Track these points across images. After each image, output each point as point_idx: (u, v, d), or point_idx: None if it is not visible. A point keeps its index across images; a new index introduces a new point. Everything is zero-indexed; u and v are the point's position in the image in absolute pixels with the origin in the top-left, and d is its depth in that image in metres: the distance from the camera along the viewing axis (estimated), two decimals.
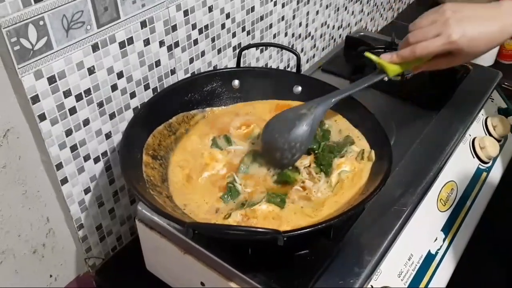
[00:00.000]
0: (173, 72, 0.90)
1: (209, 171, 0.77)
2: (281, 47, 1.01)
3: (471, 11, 0.73)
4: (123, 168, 0.67)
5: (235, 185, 0.74)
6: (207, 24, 0.92)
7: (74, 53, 0.71)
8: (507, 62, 1.42)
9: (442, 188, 0.90)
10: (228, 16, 0.96)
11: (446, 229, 0.88)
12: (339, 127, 0.85)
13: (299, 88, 0.88)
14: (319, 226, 0.60)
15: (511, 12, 0.73)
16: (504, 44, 1.40)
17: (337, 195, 0.73)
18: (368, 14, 1.52)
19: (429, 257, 0.83)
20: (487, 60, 1.39)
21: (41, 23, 0.65)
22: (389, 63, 0.77)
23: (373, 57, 0.78)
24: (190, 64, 0.93)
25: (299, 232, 0.58)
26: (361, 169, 0.76)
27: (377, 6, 1.56)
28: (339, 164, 0.77)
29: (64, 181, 0.78)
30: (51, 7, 0.65)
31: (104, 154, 0.83)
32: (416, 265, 0.81)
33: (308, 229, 0.58)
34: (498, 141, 1.05)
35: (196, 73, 0.95)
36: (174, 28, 0.86)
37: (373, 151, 0.78)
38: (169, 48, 0.87)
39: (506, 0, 0.74)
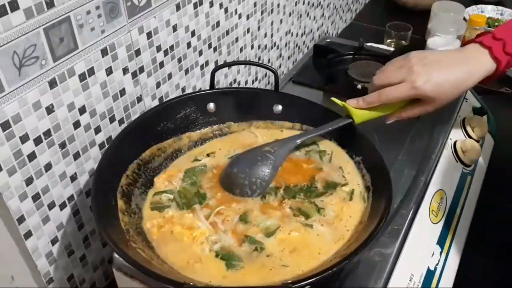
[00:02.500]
0: (139, 99, 0.82)
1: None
2: (258, 65, 0.96)
3: (437, 57, 0.75)
4: (99, 222, 0.59)
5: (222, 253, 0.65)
6: (172, 45, 0.85)
7: (29, 92, 0.62)
8: None
9: (432, 199, 0.87)
10: (193, 34, 0.89)
11: (441, 241, 0.85)
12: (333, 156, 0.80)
13: (280, 107, 0.82)
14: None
15: (477, 56, 0.74)
16: (465, 39, 1.40)
17: None
18: (328, 18, 1.48)
19: (429, 274, 0.80)
20: None
21: None
22: (356, 109, 0.76)
23: (339, 102, 0.77)
24: (157, 88, 0.85)
25: (310, 280, 0.52)
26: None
27: (337, 9, 1.53)
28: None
29: (28, 234, 0.69)
30: None
31: (71, 198, 0.75)
32: (418, 285, 0.77)
33: (317, 277, 0.52)
34: (477, 142, 1.03)
35: (164, 97, 0.87)
36: (137, 52, 0.78)
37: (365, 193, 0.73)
38: (134, 75, 0.79)
39: (471, 44, 0.75)
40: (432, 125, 0.97)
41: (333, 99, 0.77)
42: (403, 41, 1.43)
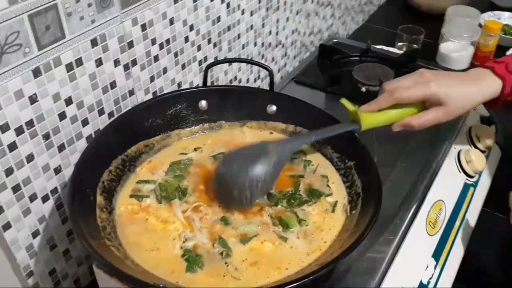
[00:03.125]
0: (131, 93, 0.80)
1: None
2: (251, 62, 0.93)
3: (447, 73, 0.78)
4: (72, 215, 0.57)
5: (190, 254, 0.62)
6: (169, 38, 0.83)
7: (10, 81, 0.60)
8: None
9: (430, 209, 0.83)
10: (191, 28, 0.87)
11: (436, 254, 0.81)
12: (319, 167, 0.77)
13: (274, 107, 0.79)
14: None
15: (483, 77, 0.76)
16: (479, 45, 1.35)
17: None
18: (339, 18, 1.45)
19: None
20: (462, 63, 1.34)
21: None
22: (366, 113, 0.73)
23: (350, 106, 0.73)
24: (151, 82, 0.83)
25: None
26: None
27: (348, 10, 1.49)
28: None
29: (7, 226, 0.68)
30: None
31: (54, 191, 0.73)
32: None
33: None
34: (483, 152, 0.99)
35: (158, 92, 0.85)
36: (130, 44, 0.76)
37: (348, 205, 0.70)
38: (126, 67, 0.77)
39: (473, 69, 0.79)
40: (435, 132, 0.94)
41: (343, 101, 0.73)
42: (415, 45, 1.39)
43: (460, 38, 1.35)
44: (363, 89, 1.04)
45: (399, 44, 1.40)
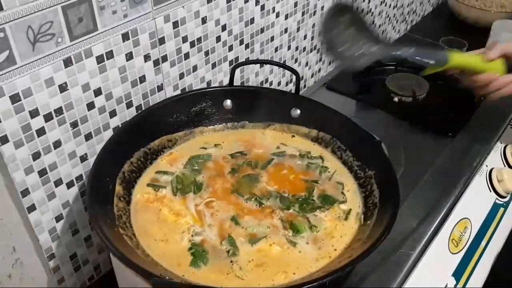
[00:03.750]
0: (160, 88, 0.82)
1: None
2: (278, 65, 0.92)
3: None
4: (90, 202, 0.59)
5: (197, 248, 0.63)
6: (200, 37, 0.84)
7: (42, 68, 0.63)
8: None
9: (454, 227, 0.81)
10: (224, 28, 0.88)
11: (458, 273, 0.79)
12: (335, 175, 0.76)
13: (298, 111, 0.79)
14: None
15: None
16: None
17: None
18: (379, 26, 1.43)
19: None
20: None
21: (1, 35, 0.57)
22: (456, 53, 0.76)
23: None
24: (180, 79, 0.84)
25: None
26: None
27: (390, 18, 1.47)
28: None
29: (32, 208, 0.70)
30: (14, 17, 0.57)
31: (79, 178, 0.75)
32: None
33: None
34: None
35: (187, 89, 0.86)
36: (161, 41, 0.77)
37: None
38: (156, 63, 0.79)
39: None
40: (468, 147, 0.91)
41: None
42: None
43: None
44: (395, 98, 1.02)
45: None
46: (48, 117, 0.67)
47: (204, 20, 0.83)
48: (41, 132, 0.67)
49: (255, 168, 0.75)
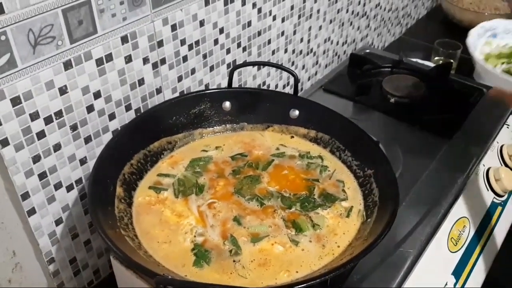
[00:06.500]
0: (159, 91, 0.82)
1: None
2: (277, 66, 0.93)
3: None
4: (91, 203, 0.59)
5: (200, 248, 0.63)
6: (198, 40, 0.85)
7: (42, 71, 0.63)
8: None
9: (453, 226, 0.81)
10: (221, 31, 0.88)
11: (457, 272, 0.79)
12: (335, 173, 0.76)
13: (296, 112, 0.80)
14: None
15: None
16: None
17: None
18: (375, 29, 1.44)
19: None
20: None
21: (3, 38, 0.57)
22: None
23: None
24: (178, 82, 0.85)
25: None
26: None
27: (385, 21, 1.48)
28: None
29: (32, 212, 0.70)
30: (15, 20, 0.57)
31: (79, 181, 0.75)
32: None
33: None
34: None
35: (185, 92, 0.87)
36: (160, 43, 0.78)
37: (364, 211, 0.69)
38: (154, 66, 0.79)
39: None
40: (464, 147, 0.91)
41: None
42: (452, 60, 1.36)
43: None
44: (392, 100, 1.03)
45: (435, 58, 1.38)
46: (48, 120, 0.67)
47: (202, 23, 0.84)
48: (41, 135, 0.67)
49: (256, 169, 0.75)
